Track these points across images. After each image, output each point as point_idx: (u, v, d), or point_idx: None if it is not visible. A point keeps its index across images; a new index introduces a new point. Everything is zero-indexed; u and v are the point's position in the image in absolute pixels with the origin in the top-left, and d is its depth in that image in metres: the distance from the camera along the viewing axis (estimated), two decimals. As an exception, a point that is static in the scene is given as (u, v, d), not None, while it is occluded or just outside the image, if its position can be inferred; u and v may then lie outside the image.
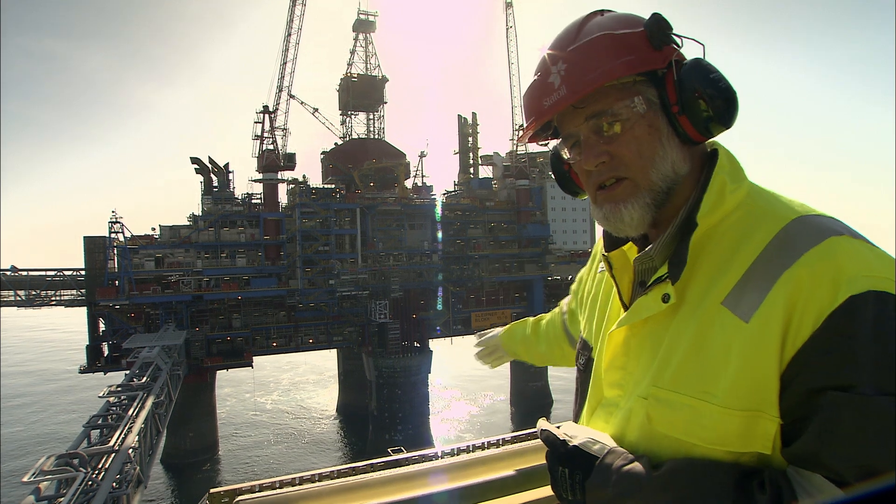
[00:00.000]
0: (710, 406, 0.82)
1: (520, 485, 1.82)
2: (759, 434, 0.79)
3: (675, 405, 0.86)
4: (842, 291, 0.74)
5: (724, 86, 0.90)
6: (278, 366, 58.71)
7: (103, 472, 13.90)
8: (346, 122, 53.50)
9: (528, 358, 1.91)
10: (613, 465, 0.87)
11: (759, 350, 0.78)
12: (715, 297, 0.86)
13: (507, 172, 51.93)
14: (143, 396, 19.62)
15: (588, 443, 0.92)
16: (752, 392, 0.79)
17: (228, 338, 38.54)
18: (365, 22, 53.07)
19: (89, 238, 36.24)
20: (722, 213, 0.91)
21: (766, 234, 0.85)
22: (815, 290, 0.75)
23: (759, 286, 0.81)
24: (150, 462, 18.54)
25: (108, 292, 35.02)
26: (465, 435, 42.16)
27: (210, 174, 40.39)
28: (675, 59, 0.94)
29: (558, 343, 1.70)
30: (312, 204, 41.00)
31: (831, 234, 0.79)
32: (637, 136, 0.94)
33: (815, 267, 0.77)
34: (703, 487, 0.79)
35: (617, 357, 1.01)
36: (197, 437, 36.32)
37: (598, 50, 0.93)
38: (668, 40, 0.93)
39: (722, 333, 0.83)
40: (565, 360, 1.68)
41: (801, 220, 0.84)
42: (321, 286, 39.96)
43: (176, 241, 38.43)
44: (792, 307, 0.77)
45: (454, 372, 58.85)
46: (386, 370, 39.53)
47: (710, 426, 0.82)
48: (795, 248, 0.80)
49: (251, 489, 1.58)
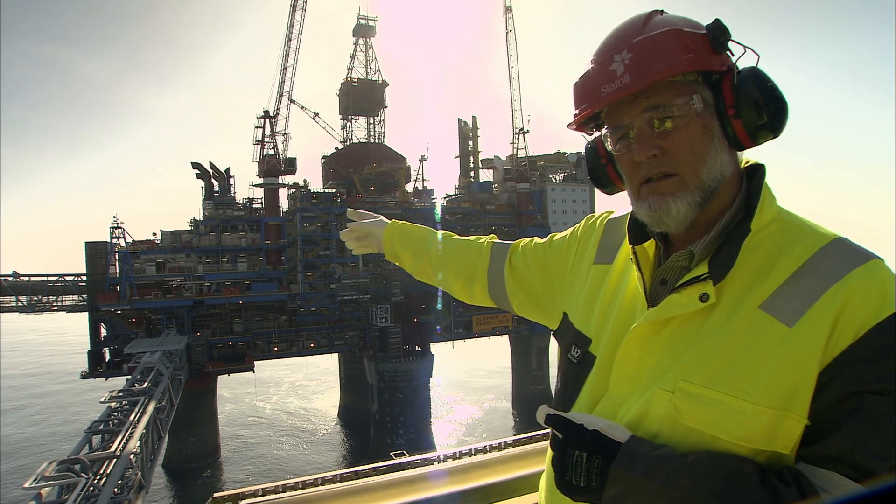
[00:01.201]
0: (744, 403, 0.86)
1: (521, 488, 1.82)
2: (784, 433, 0.84)
3: (706, 400, 0.89)
4: (886, 308, 0.82)
5: (778, 94, 0.94)
6: (279, 370, 58.65)
7: (105, 477, 13.87)
8: (347, 127, 53.62)
9: (410, 268, 1.71)
10: (641, 450, 0.87)
11: (802, 353, 0.84)
12: (753, 301, 0.90)
13: (507, 176, 51.99)
14: (144, 402, 19.61)
15: (609, 427, 0.92)
16: (788, 392, 0.84)
17: (230, 342, 38.51)
18: (365, 27, 53.24)
19: (90, 243, 36.25)
20: (760, 223, 0.96)
21: (807, 249, 0.91)
22: (863, 303, 0.83)
23: (805, 294, 0.87)
24: (152, 467, 18.50)
25: (109, 297, 35.04)
26: (467, 438, 42.08)
27: (211, 179, 40.47)
28: (732, 65, 0.99)
29: (469, 277, 1.55)
30: (313, 208, 41.06)
31: (873, 256, 0.88)
32: (691, 134, 0.95)
33: (864, 282, 0.84)
34: (730, 475, 0.82)
35: (633, 351, 1.01)
36: (198, 441, 36.26)
37: (666, 43, 0.94)
38: (726, 46, 0.97)
39: (762, 336, 0.88)
40: (468, 297, 1.58)
41: (840, 241, 0.91)
42: (322, 290, 39.96)
43: (177, 245, 38.47)
44: (838, 316, 0.83)
45: (456, 375, 58.80)
46: (387, 374, 39.49)
47: (742, 422, 0.86)
48: (844, 264, 0.87)
49: (254, 493, 1.59)
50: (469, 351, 52.20)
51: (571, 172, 54.07)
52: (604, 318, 1.13)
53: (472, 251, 1.58)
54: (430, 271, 1.65)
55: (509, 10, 52.80)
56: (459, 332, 45.64)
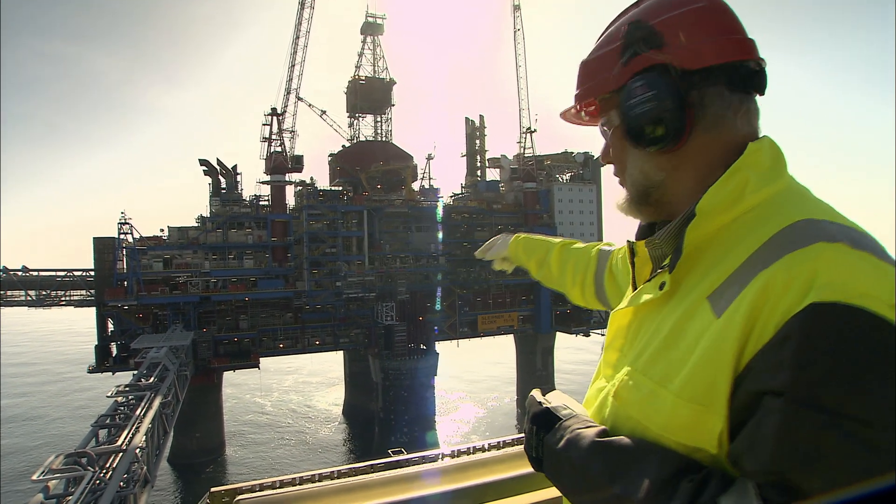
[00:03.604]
0: (666, 393, 0.84)
1: (518, 488, 1.83)
2: (707, 430, 0.79)
3: (640, 388, 0.90)
4: (809, 297, 0.71)
5: (633, 115, 0.95)
6: (284, 367, 58.86)
7: (111, 471, 13.98)
8: (354, 125, 53.75)
9: (533, 274, 1.91)
10: (571, 427, 0.93)
11: (720, 346, 0.78)
12: (703, 290, 0.87)
13: (514, 175, 51.89)
14: (150, 397, 19.73)
15: (559, 407, 1.00)
16: (705, 387, 0.79)
17: (235, 339, 38.73)
18: (373, 24, 53.30)
19: (98, 239, 36.53)
20: (739, 210, 0.90)
21: (765, 233, 0.84)
22: (785, 293, 0.74)
23: (738, 283, 0.81)
24: (158, 462, 18.63)
25: (116, 293, 35.31)
26: (472, 437, 42.09)
27: (218, 176, 40.66)
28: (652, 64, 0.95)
29: (581, 284, 1.71)
30: (320, 206, 41.16)
31: (825, 238, 0.77)
32: (615, 144, 1.04)
33: (791, 270, 0.75)
34: (633, 461, 0.82)
35: (616, 339, 1.05)
36: (204, 437, 36.49)
37: (580, 74, 1.07)
38: (640, 50, 0.96)
39: (697, 325, 0.84)
40: (582, 301, 1.73)
41: (806, 221, 0.82)
42: (328, 288, 40.07)
43: (184, 242, 38.69)
44: (759, 308, 0.76)
45: (460, 374, 58.80)
46: (392, 372, 39.54)
47: (663, 412, 0.84)
48: (781, 248, 0.79)
49: (251, 489, 1.60)
50: (475, 350, 52.25)
51: (578, 172, 53.91)
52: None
53: (583, 260, 1.73)
54: (552, 280, 1.85)
55: (518, 9, 52.68)
56: (464, 330, 45.63)
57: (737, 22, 0.97)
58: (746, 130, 0.96)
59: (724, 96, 0.93)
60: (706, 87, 0.93)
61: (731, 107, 0.94)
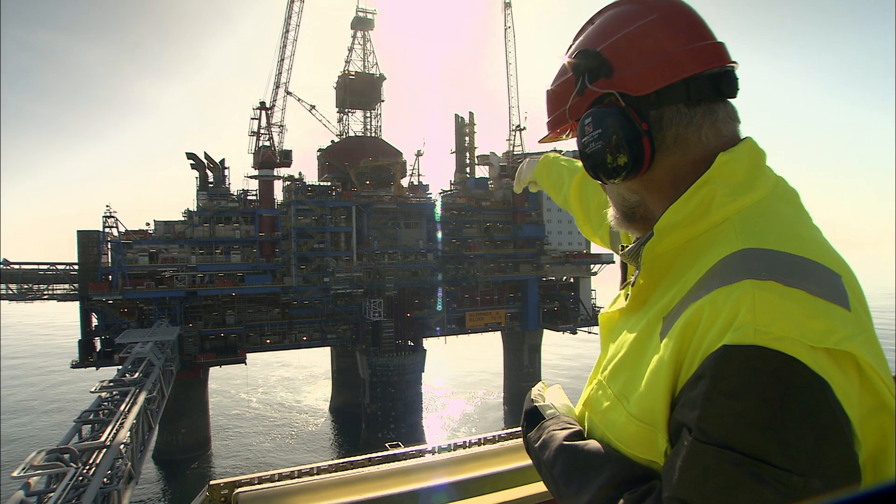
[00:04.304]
0: (621, 408, 0.88)
1: (515, 480, 1.84)
2: (655, 447, 0.82)
3: (602, 397, 0.95)
4: (724, 338, 0.72)
5: (589, 152, 0.96)
6: (271, 363, 58.60)
7: (94, 467, 13.85)
8: (343, 120, 53.51)
9: (555, 199, 1.84)
10: (548, 428, 1.00)
11: (659, 371, 0.81)
12: (661, 308, 0.89)
13: (503, 172, 51.94)
14: (135, 392, 19.57)
15: (545, 406, 1.07)
16: (649, 409, 0.82)
17: (222, 334, 38.48)
18: (363, 20, 53.06)
19: (83, 232, 36.02)
20: (705, 225, 0.89)
21: (712, 258, 0.84)
22: (708, 329, 0.76)
23: (679, 311, 0.83)
24: (142, 458, 18.47)
25: (101, 287, 34.88)
26: (459, 433, 42.22)
27: (206, 170, 40.28)
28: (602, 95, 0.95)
29: (598, 227, 1.56)
30: (308, 201, 40.94)
31: (753, 275, 0.76)
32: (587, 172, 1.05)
33: (715, 306, 0.76)
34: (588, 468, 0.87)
35: (606, 341, 1.09)
36: (189, 433, 36.25)
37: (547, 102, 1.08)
38: (589, 81, 0.95)
39: (650, 346, 0.88)
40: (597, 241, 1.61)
41: (746, 252, 0.81)
42: (316, 283, 39.92)
43: (170, 236, 38.31)
44: (689, 340, 0.78)
45: (448, 371, 58.93)
46: (380, 368, 39.54)
47: (619, 426, 0.88)
48: (715, 281, 0.80)
49: (250, 482, 1.60)
50: (462, 346, 52.37)
51: (567, 170, 54.04)
52: None
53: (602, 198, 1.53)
54: (571, 210, 1.71)
55: (508, 6, 52.74)
56: (452, 327, 45.71)
57: (695, 28, 0.92)
58: (718, 141, 0.92)
59: (684, 113, 0.91)
60: (663, 106, 0.90)
61: (694, 122, 0.91)
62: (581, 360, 60.86)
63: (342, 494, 1.58)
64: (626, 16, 0.94)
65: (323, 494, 1.56)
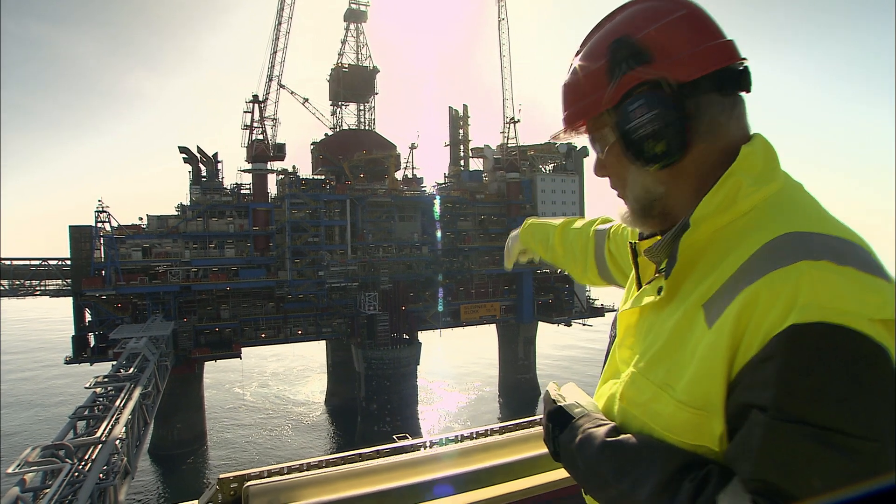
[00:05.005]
0: (668, 398, 0.89)
1: (521, 471, 1.84)
2: (708, 432, 0.84)
3: (643, 389, 0.94)
4: (789, 318, 0.75)
5: (636, 137, 0.94)
6: (266, 356, 58.55)
7: (90, 463, 13.82)
8: (337, 113, 53.23)
9: (545, 258, 1.93)
10: (582, 427, 0.98)
11: (713, 357, 0.83)
12: (698, 297, 0.90)
13: (497, 165, 51.94)
14: (130, 387, 19.51)
15: (571, 405, 1.04)
16: (702, 394, 0.84)
17: (217, 329, 38.38)
18: (356, 12, 52.66)
19: (75, 227, 35.76)
20: (733, 214, 0.92)
21: (753, 244, 0.86)
22: (768, 310, 0.77)
23: (727, 295, 0.84)
24: (138, 453, 18.45)
25: (94, 282, 34.67)
26: (454, 426, 42.39)
27: (199, 164, 40.02)
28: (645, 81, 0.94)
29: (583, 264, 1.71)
30: (302, 195, 40.80)
31: (808, 256, 0.79)
32: (612, 162, 1.04)
33: (773, 288, 0.78)
34: (639, 462, 0.86)
35: (627, 337, 1.08)
36: (185, 428, 36.22)
37: (565, 96, 1.06)
38: (629, 67, 0.95)
39: (693, 333, 0.88)
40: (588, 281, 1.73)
41: (791, 236, 0.84)
42: (310, 277, 39.84)
43: (164, 231, 38.10)
44: (745, 323, 0.80)
45: (443, 363, 59.09)
46: (375, 362, 39.59)
47: (666, 415, 0.89)
48: (766, 264, 0.82)
49: (259, 475, 1.58)
50: (457, 339, 52.50)
51: (561, 163, 54.16)
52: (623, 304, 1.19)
53: (581, 241, 1.72)
54: (559, 262, 1.84)
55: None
56: (447, 320, 45.76)
57: (716, 25, 0.97)
58: (739, 133, 0.97)
59: (717, 102, 0.94)
60: (700, 95, 0.93)
61: (725, 111, 0.95)
62: (576, 353, 61.22)
63: (351, 487, 1.57)
64: (654, 11, 0.97)
65: (332, 487, 1.55)
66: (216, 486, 1.50)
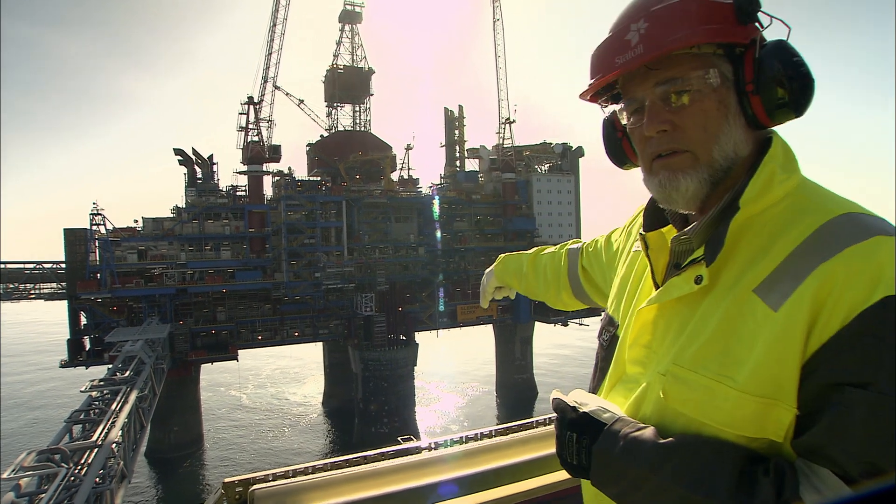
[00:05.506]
0: (727, 389, 0.83)
1: (527, 472, 1.84)
2: (773, 421, 0.80)
3: (692, 384, 0.88)
4: (878, 291, 0.73)
5: (804, 71, 0.89)
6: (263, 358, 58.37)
7: (86, 467, 13.73)
8: (332, 114, 53.16)
9: (521, 290, 1.91)
10: (621, 432, 0.89)
11: (784, 340, 0.79)
12: (747, 283, 0.86)
13: (493, 165, 51.99)
14: (126, 391, 19.42)
15: (599, 410, 0.95)
16: (772, 380, 0.80)
17: (213, 331, 38.25)
18: (351, 13, 52.62)
19: (69, 230, 35.56)
20: (768, 201, 0.90)
21: (808, 226, 0.84)
22: (849, 286, 0.75)
23: (793, 276, 0.81)
24: (134, 457, 18.36)
25: (89, 285, 34.49)
26: (452, 426, 42.37)
27: (194, 166, 39.87)
28: (758, 38, 0.92)
29: (556, 286, 1.70)
30: (298, 196, 40.74)
31: (879, 232, 0.79)
32: (705, 110, 0.92)
33: (853, 264, 0.76)
34: (706, 461, 0.80)
35: (642, 335, 1.02)
36: (182, 430, 36.06)
37: (685, 12, 0.90)
38: (754, 17, 0.92)
39: (750, 320, 0.84)
40: (562, 304, 1.72)
41: (850, 216, 0.83)
42: (307, 279, 39.77)
43: (159, 233, 37.94)
44: (823, 301, 0.77)
45: (440, 364, 59.05)
46: (372, 363, 39.53)
47: (726, 408, 0.83)
48: (838, 242, 0.79)
49: (265, 478, 1.58)
50: (454, 340, 52.47)
51: (557, 163, 54.23)
52: (629, 304, 1.13)
53: (554, 263, 1.72)
54: (533, 290, 1.83)
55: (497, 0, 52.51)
56: (444, 321, 45.74)
57: None
58: None
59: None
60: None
61: None
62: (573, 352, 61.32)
63: (357, 490, 1.56)
64: None
65: (338, 490, 1.54)
66: (221, 490, 1.50)
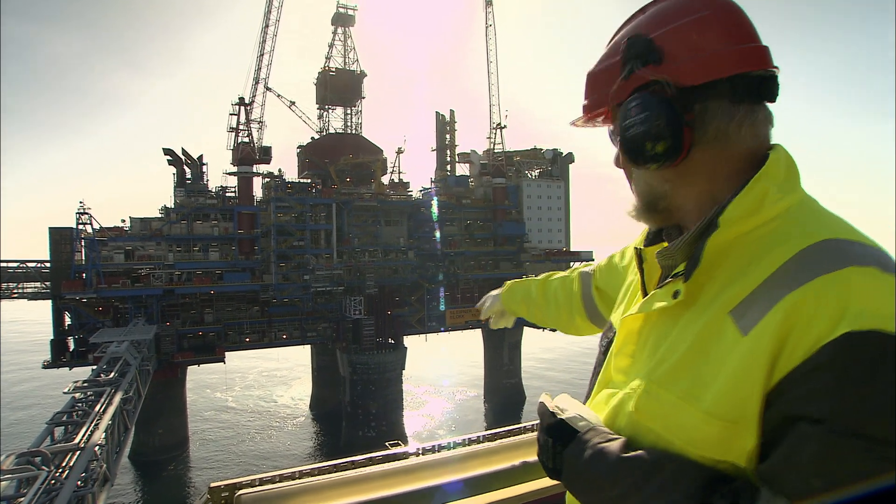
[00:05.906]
0: (693, 409, 0.83)
1: (516, 477, 1.83)
2: (737, 446, 0.79)
3: (661, 400, 0.89)
4: (842, 325, 0.71)
5: (628, 136, 0.95)
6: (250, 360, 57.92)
7: (67, 470, 13.52)
8: (324, 117, 53.03)
9: (528, 317, 1.90)
10: (591, 441, 0.91)
11: (749, 366, 0.78)
12: (725, 304, 0.86)
13: (483, 170, 52.10)
14: (110, 392, 19.18)
15: (575, 418, 0.97)
16: (736, 405, 0.79)
17: (200, 333, 37.91)
18: (344, 15, 52.60)
19: (55, 229, 35.12)
20: (757, 220, 0.90)
21: (788, 250, 0.83)
22: (816, 318, 0.74)
23: (764, 302, 0.80)
24: (118, 459, 18.11)
25: (74, 285, 34.03)
26: (440, 431, 42.27)
27: (183, 166, 39.56)
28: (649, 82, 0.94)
29: (569, 310, 1.69)
30: (288, 198, 40.60)
31: (855, 262, 0.77)
32: (622, 156, 1.02)
33: (821, 294, 0.75)
34: (665, 480, 0.80)
35: (627, 344, 1.03)
36: (167, 433, 35.62)
37: (587, 84, 1.06)
38: (637, 66, 0.95)
39: (722, 342, 0.84)
40: (575, 329, 1.72)
41: (830, 242, 0.82)
42: (295, 281, 39.58)
43: (147, 233, 37.57)
44: (789, 331, 0.76)
45: (428, 368, 58.91)
46: (360, 366, 39.36)
47: (691, 428, 0.83)
48: (811, 270, 0.78)
49: (251, 483, 1.56)
50: (442, 344, 52.40)
51: (547, 169, 54.48)
52: (623, 310, 1.16)
53: (565, 287, 1.72)
54: (543, 317, 1.82)
55: (490, 5, 52.74)
56: (433, 325, 45.68)
57: (744, 29, 0.94)
58: (755, 142, 0.94)
59: (727, 109, 0.92)
60: (708, 100, 0.92)
61: (735, 119, 0.92)
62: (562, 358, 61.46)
63: (344, 495, 1.55)
64: (678, 8, 0.95)
65: (325, 495, 1.53)
66: (207, 495, 1.48)
